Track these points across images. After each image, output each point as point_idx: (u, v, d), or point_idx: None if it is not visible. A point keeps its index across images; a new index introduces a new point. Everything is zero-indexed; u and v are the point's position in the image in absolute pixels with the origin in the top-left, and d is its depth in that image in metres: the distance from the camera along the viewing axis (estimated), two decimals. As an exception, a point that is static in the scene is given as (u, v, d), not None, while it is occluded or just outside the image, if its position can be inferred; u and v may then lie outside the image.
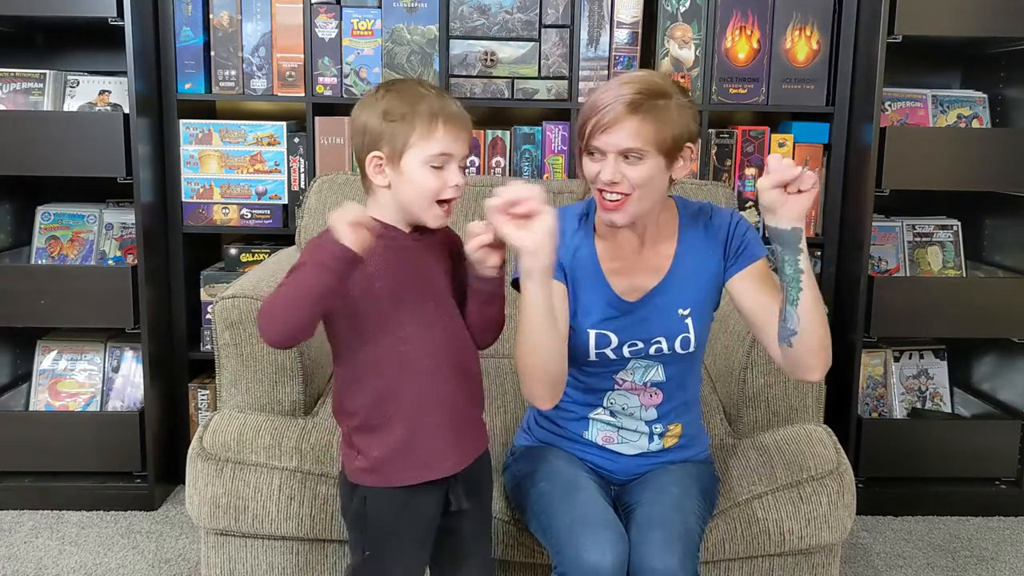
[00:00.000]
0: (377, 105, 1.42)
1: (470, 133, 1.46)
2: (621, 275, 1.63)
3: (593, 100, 1.53)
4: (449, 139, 1.41)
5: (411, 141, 1.40)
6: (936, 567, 2.33)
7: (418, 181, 1.41)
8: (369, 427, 1.45)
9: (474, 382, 1.53)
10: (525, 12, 2.54)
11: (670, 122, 1.51)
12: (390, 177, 1.43)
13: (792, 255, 1.44)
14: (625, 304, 1.61)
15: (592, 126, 1.51)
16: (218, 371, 1.95)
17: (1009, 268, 2.67)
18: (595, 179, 1.54)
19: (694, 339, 1.62)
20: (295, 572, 1.82)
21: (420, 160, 1.41)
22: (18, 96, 2.53)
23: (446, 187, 1.42)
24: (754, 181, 2.62)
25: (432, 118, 1.40)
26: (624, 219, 1.55)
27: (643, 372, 1.64)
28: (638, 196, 1.53)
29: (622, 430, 1.67)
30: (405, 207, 1.45)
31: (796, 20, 2.56)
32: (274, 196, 2.59)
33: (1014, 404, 2.68)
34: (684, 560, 1.45)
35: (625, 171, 1.51)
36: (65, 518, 2.50)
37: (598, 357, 1.63)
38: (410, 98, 1.41)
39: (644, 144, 1.49)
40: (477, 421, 1.55)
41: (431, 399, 1.45)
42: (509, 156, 2.61)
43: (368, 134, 1.43)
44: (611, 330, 1.61)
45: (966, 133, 2.61)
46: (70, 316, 2.49)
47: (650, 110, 1.49)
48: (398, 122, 1.40)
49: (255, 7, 2.53)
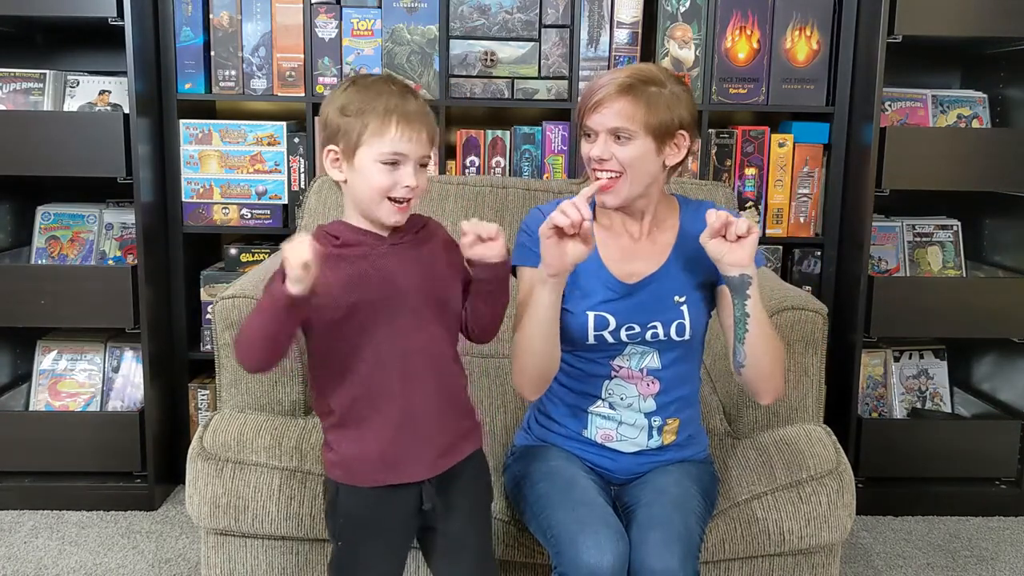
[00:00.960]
0: (337, 99, 1.43)
1: (430, 134, 1.43)
2: (620, 260, 1.66)
3: (590, 84, 1.63)
4: (402, 139, 1.39)
5: (364, 138, 1.39)
6: (936, 567, 2.33)
7: (369, 178, 1.40)
8: (341, 425, 1.47)
9: (453, 389, 1.52)
10: (525, 12, 2.54)
11: (661, 106, 1.57)
12: (346, 173, 1.43)
13: (740, 299, 1.53)
14: (623, 286, 1.64)
15: (586, 107, 1.60)
16: (218, 371, 1.95)
17: (1009, 268, 2.67)
18: (588, 159, 1.61)
19: (689, 326, 1.65)
20: (295, 572, 1.82)
21: (372, 157, 1.40)
22: (18, 96, 2.53)
23: (397, 186, 1.40)
24: (754, 181, 2.62)
25: (386, 116, 1.38)
26: (615, 200, 1.61)
27: (639, 358, 1.65)
28: (629, 177, 1.58)
29: (621, 425, 1.67)
30: (358, 203, 1.44)
31: (796, 20, 2.56)
32: (274, 196, 2.59)
33: (1014, 404, 2.68)
34: (684, 560, 1.46)
35: (615, 150, 1.58)
36: (65, 518, 2.50)
37: (596, 340, 1.64)
38: (369, 94, 1.41)
39: (632, 124, 1.56)
40: (458, 428, 1.52)
41: (403, 406, 1.44)
42: (509, 156, 2.61)
43: (327, 128, 1.43)
44: (609, 312, 1.63)
45: (966, 133, 2.61)
46: (70, 316, 2.49)
47: (641, 93, 1.56)
48: (352, 117, 1.40)
49: (255, 7, 2.53)
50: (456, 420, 1.52)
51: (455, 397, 1.52)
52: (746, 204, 2.62)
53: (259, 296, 1.70)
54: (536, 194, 2.32)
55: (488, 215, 2.28)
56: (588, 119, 1.59)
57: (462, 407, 1.54)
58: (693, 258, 1.65)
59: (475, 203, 2.27)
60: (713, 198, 2.29)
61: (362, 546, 1.48)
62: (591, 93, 1.59)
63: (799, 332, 1.89)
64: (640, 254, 1.67)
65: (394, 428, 1.45)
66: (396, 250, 1.46)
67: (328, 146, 1.43)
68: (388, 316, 1.43)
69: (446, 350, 1.50)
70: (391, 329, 1.44)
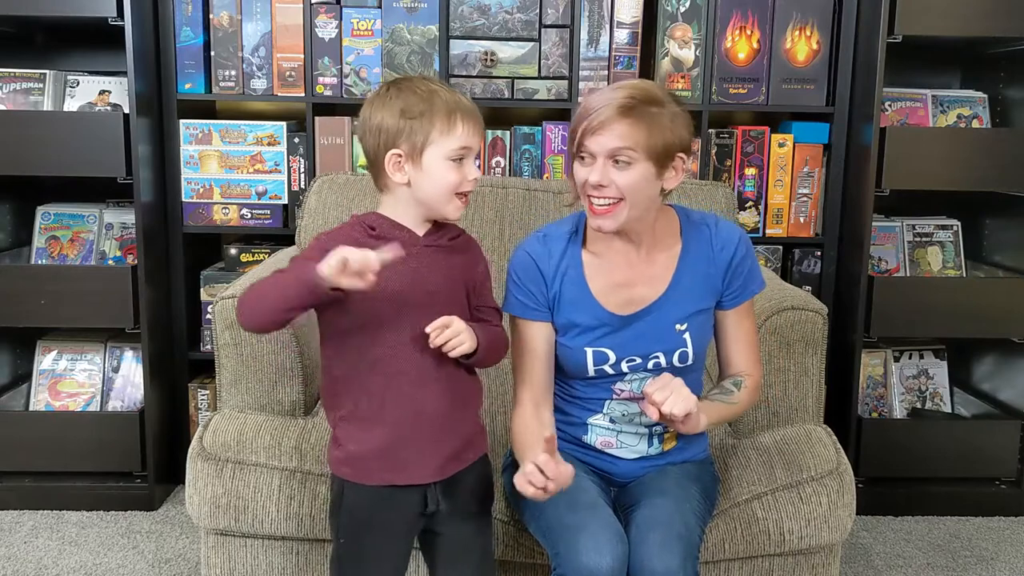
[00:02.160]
0: (392, 103, 1.43)
1: (483, 126, 1.49)
2: (613, 290, 1.62)
3: (585, 104, 1.53)
4: (468, 133, 1.44)
5: (432, 137, 1.42)
6: (936, 567, 2.33)
7: (439, 176, 1.43)
8: (351, 422, 1.47)
9: (467, 393, 1.53)
10: (525, 12, 2.53)
11: (662, 128, 1.49)
12: (409, 174, 1.44)
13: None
14: (617, 318, 1.61)
15: (583, 128, 1.50)
16: (218, 371, 1.95)
17: (1009, 268, 2.66)
18: (584, 184, 1.53)
19: (692, 353, 1.62)
20: (295, 572, 1.82)
21: (441, 155, 1.42)
22: (18, 96, 2.53)
23: (465, 180, 1.44)
24: (754, 181, 2.62)
25: (450, 114, 1.42)
26: (613, 225, 1.54)
27: (641, 383, 1.63)
28: (628, 203, 1.52)
29: (621, 434, 1.67)
30: (425, 202, 1.45)
31: (796, 20, 2.56)
32: (274, 196, 2.59)
33: (1014, 404, 2.68)
34: (684, 561, 1.45)
35: (613, 176, 1.50)
36: (65, 518, 2.50)
37: (597, 373, 1.63)
38: (426, 95, 1.43)
39: (633, 147, 1.48)
40: (468, 432, 1.53)
41: (415, 407, 1.45)
42: (509, 156, 2.61)
43: (385, 132, 1.43)
44: (608, 347, 1.61)
45: (966, 133, 2.61)
46: (70, 316, 2.49)
47: (642, 115, 1.48)
48: (417, 119, 1.41)
49: (255, 7, 2.53)
50: (466, 425, 1.52)
51: (467, 402, 1.52)
52: (746, 204, 2.62)
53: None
54: (536, 194, 2.31)
55: (488, 215, 2.28)
56: (587, 141, 1.50)
57: (473, 412, 1.54)
58: (696, 282, 1.62)
59: (475, 203, 2.27)
60: (713, 198, 2.29)
61: (364, 544, 1.48)
62: (588, 113, 1.50)
63: (799, 332, 1.89)
64: (639, 280, 1.62)
65: (403, 428, 1.45)
66: (429, 251, 1.48)
67: (391, 151, 1.43)
68: (409, 312, 1.44)
69: None
70: (410, 326, 1.44)
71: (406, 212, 1.47)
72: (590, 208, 1.54)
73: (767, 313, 1.90)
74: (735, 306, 1.65)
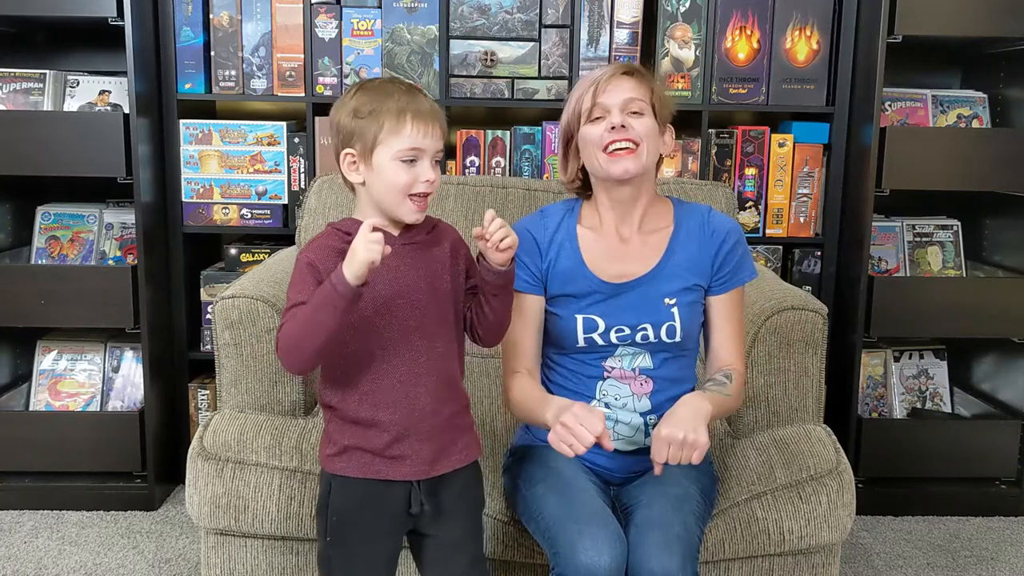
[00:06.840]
0: (348, 104, 1.45)
1: (442, 129, 1.47)
2: (606, 261, 1.67)
3: (584, 79, 1.68)
4: (418, 134, 1.42)
5: (380, 137, 1.42)
6: (936, 567, 2.33)
7: (389, 177, 1.43)
8: (345, 419, 1.48)
9: (457, 391, 1.53)
10: (525, 12, 2.54)
11: (657, 91, 1.66)
12: (364, 174, 1.45)
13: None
14: (608, 286, 1.66)
15: (594, 89, 1.63)
16: (218, 371, 1.95)
17: (1009, 268, 2.67)
18: (601, 137, 1.62)
19: (680, 328, 1.65)
20: (295, 572, 1.82)
21: (390, 155, 1.42)
22: (18, 96, 2.53)
23: (417, 182, 1.43)
24: (754, 181, 2.62)
25: (400, 113, 1.42)
26: (636, 166, 1.61)
27: (631, 359, 1.67)
28: (644, 148, 1.62)
29: (618, 424, 1.67)
30: (379, 203, 1.46)
31: (796, 20, 2.56)
32: (274, 196, 2.59)
33: (1014, 404, 2.67)
34: (684, 561, 1.45)
35: (630, 122, 1.61)
36: (65, 518, 2.50)
37: (586, 342, 1.66)
38: (379, 95, 1.43)
39: (643, 98, 1.62)
40: (459, 431, 1.53)
41: (407, 404, 1.46)
42: (509, 156, 2.61)
43: (341, 132, 1.46)
44: (597, 314, 1.65)
45: (966, 133, 2.61)
46: (70, 316, 2.49)
47: (643, 76, 1.65)
48: (366, 119, 1.42)
49: (255, 7, 2.53)
50: (456, 424, 1.53)
51: (456, 399, 1.53)
52: (746, 204, 2.62)
53: (263, 293, 1.70)
54: (536, 194, 2.31)
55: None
56: (601, 97, 1.62)
57: (463, 412, 1.55)
58: (686, 261, 1.67)
59: (475, 203, 2.26)
60: (713, 198, 2.29)
61: (349, 543, 1.49)
62: (594, 79, 1.64)
63: (799, 332, 1.89)
64: (630, 256, 1.68)
65: (397, 426, 1.46)
66: (406, 250, 1.48)
67: (345, 150, 1.45)
68: (395, 312, 1.45)
69: (451, 352, 1.52)
70: (398, 325, 1.45)
71: (375, 214, 1.47)
72: (611, 156, 1.62)
73: (767, 313, 1.90)
74: (724, 292, 1.69)
